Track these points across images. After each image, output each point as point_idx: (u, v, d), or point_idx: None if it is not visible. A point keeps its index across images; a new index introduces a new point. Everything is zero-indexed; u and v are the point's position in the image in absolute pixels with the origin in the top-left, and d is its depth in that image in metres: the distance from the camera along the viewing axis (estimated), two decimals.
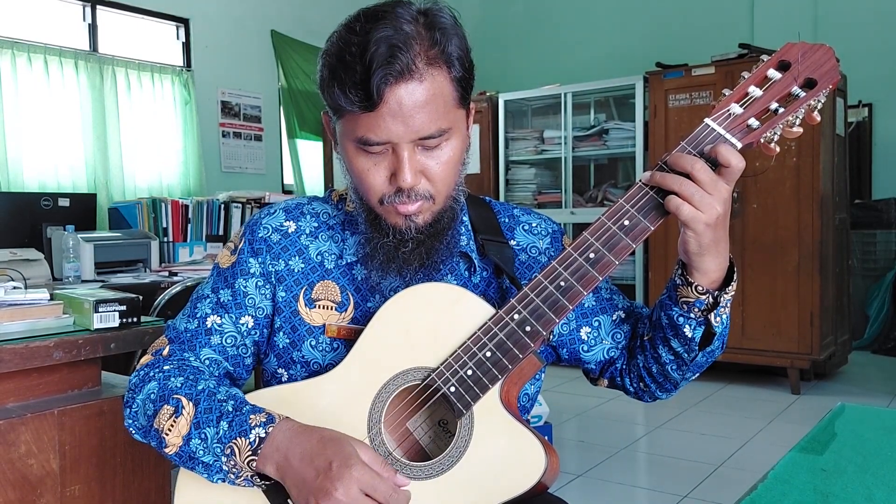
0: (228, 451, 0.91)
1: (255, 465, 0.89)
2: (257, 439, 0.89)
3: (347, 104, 0.90)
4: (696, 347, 0.98)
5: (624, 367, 1.08)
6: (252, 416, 0.92)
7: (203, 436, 0.93)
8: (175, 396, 0.96)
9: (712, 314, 0.95)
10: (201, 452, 0.92)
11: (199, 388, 0.97)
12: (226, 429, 0.92)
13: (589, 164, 5.10)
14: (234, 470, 0.91)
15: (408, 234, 0.96)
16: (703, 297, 0.94)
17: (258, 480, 0.91)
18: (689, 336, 0.97)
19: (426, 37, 0.90)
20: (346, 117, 0.93)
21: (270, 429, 0.90)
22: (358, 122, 0.91)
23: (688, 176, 0.87)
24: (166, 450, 0.95)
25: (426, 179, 0.94)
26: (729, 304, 0.96)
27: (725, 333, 1.00)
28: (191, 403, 0.95)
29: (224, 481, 0.93)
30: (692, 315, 0.95)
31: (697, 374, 1.05)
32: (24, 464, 1.27)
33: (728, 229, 0.92)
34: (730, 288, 0.95)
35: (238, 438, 0.90)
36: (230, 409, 0.94)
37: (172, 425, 0.94)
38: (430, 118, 0.90)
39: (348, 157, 0.96)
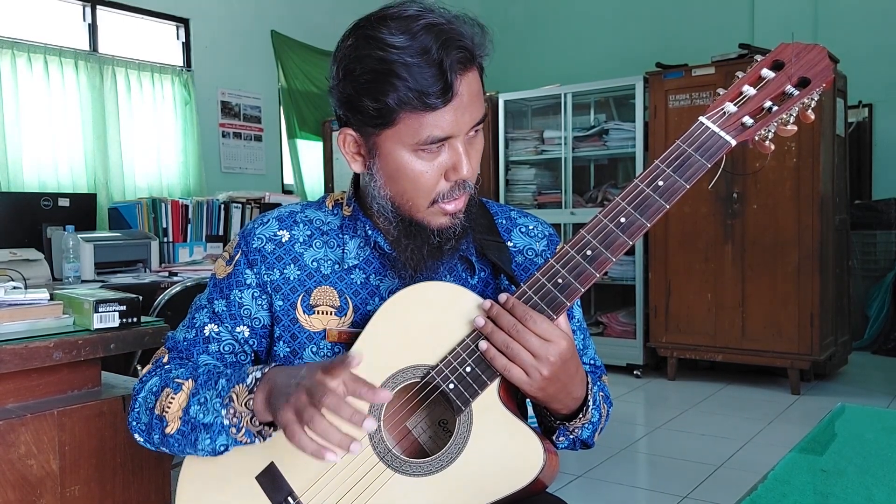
0: (227, 400, 0.92)
1: (251, 403, 0.90)
2: (253, 380, 0.91)
3: (420, 103, 0.87)
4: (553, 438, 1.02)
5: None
6: (249, 368, 0.94)
7: (202, 400, 0.94)
8: (176, 381, 0.98)
9: (555, 434, 1.00)
10: (202, 415, 0.94)
11: (200, 369, 0.99)
12: (224, 384, 0.94)
13: (589, 165, 5.10)
14: (233, 421, 0.92)
15: (453, 232, 0.97)
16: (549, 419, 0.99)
17: (257, 425, 0.91)
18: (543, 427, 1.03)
19: (472, 37, 0.92)
20: (403, 122, 0.90)
21: (266, 369, 0.92)
22: (422, 121, 0.89)
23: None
24: (168, 430, 0.96)
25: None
26: (575, 430, 0.99)
27: (573, 444, 1.02)
28: (190, 380, 0.97)
29: (227, 446, 0.94)
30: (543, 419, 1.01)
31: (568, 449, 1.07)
32: (24, 464, 1.27)
33: (572, 380, 0.93)
34: (575, 421, 0.97)
35: (236, 386, 0.92)
36: (229, 372, 0.96)
37: (171, 401, 0.96)
38: (481, 104, 0.94)
39: (401, 164, 0.93)
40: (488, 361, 0.90)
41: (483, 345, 0.90)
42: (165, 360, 1.05)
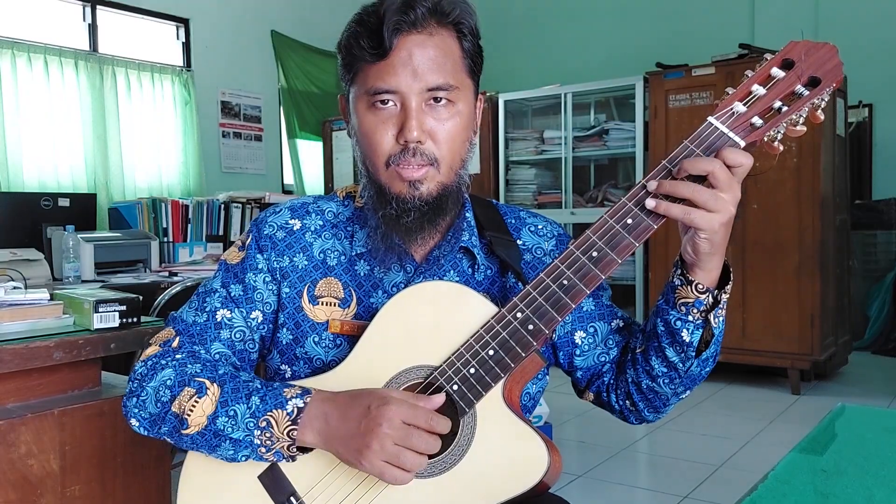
0: (264, 423, 0.92)
1: (295, 433, 0.90)
2: (295, 409, 0.91)
3: (360, 52, 0.96)
4: (693, 354, 0.97)
5: (611, 381, 1.07)
6: (286, 390, 0.94)
7: (231, 413, 0.93)
8: (197, 380, 0.96)
9: (711, 315, 0.95)
10: (230, 429, 0.93)
11: (221, 372, 0.98)
12: (258, 403, 0.93)
13: (589, 165, 5.10)
14: (266, 443, 0.92)
15: (411, 203, 0.97)
16: (703, 296, 0.93)
17: (294, 451, 0.92)
18: (687, 341, 0.95)
19: (439, 2, 0.96)
20: (360, 74, 0.98)
21: (308, 399, 0.92)
22: (369, 72, 0.96)
23: (699, 179, 0.86)
24: (186, 431, 0.94)
25: (431, 141, 0.96)
26: (726, 306, 0.96)
27: (720, 341, 0.99)
28: (215, 385, 0.95)
29: (249, 458, 0.93)
30: (690, 318, 0.95)
31: (689, 392, 1.04)
32: (25, 464, 1.27)
33: (729, 236, 0.91)
34: (728, 287, 0.94)
35: (274, 411, 0.92)
36: (259, 387, 0.95)
37: (195, 405, 0.94)
38: (439, 71, 0.95)
39: (359, 119, 0.99)
40: (661, 213, 0.87)
41: (651, 202, 0.87)
42: (175, 343, 1.02)
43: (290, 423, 0.91)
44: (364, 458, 0.86)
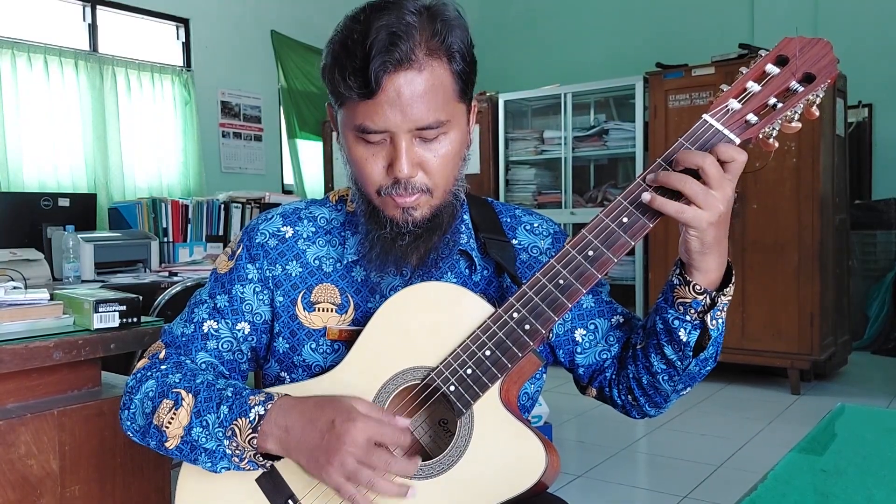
0: (230, 433, 0.92)
1: (255, 442, 0.90)
2: (257, 417, 0.91)
3: (346, 91, 0.91)
4: (690, 353, 0.97)
5: (613, 377, 1.07)
6: (251, 398, 0.93)
7: (204, 423, 0.93)
8: (174, 390, 0.96)
9: (708, 316, 0.94)
10: (204, 440, 0.93)
11: (198, 380, 0.98)
12: (226, 412, 0.93)
13: (589, 165, 5.10)
14: (237, 452, 0.92)
15: (405, 228, 0.96)
16: (701, 297, 0.93)
17: (261, 460, 0.92)
18: (684, 340, 0.95)
19: (427, 27, 0.91)
20: (347, 105, 0.94)
21: (269, 405, 0.91)
22: (357, 109, 0.92)
23: (694, 173, 0.86)
24: (167, 444, 0.95)
25: (423, 172, 0.94)
26: (726, 308, 0.95)
27: (720, 341, 0.98)
28: (190, 395, 0.96)
29: (229, 469, 0.94)
30: (688, 318, 0.94)
31: (689, 389, 1.04)
32: (24, 464, 1.27)
33: (728, 228, 0.91)
34: (728, 290, 0.94)
35: (239, 419, 0.92)
36: (230, 395, 0.95)
37: (173, 418, 0.95)
38: (428, 108, 0.91)
39: (348, 145, 0.96)
40: (656, 208, 0.86)
41: (647, 196, 0.86)
42: (162, 355, 1.03)
43: (251, 431, 0.90)
44: (325, 472, 0.87)
